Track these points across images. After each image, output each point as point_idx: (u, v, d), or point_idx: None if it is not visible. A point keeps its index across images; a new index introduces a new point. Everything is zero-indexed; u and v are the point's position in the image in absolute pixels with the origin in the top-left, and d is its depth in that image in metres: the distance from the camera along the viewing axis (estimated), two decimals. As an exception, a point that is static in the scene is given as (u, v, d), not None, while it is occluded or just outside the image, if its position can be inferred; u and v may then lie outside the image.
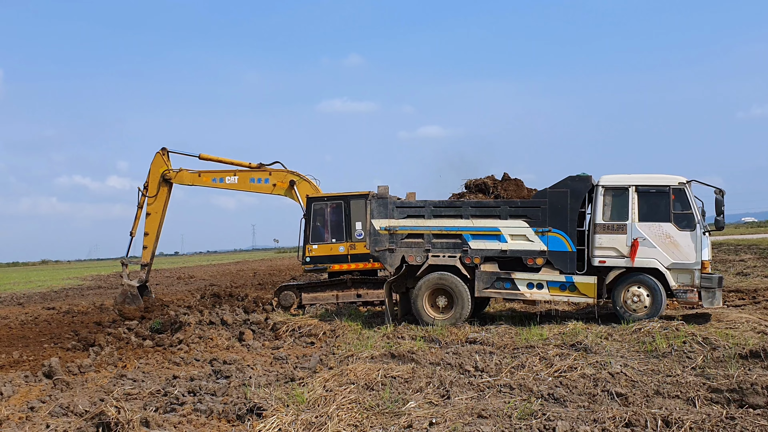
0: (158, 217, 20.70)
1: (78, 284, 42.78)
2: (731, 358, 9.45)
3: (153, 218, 20.63)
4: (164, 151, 20.69)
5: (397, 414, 7.37)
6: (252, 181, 20.33)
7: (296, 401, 7.96)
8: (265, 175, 20.24)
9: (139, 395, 9.12)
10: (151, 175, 20.64)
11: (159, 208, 20.68)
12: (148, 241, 20.75)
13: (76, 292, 34.84)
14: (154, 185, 20.62)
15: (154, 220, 20.67)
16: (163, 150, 20.68)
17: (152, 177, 20.64)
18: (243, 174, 20.40)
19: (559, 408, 7.37)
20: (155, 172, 20.60)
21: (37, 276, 60.84)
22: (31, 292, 35.23)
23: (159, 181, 20.57)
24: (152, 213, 20.57)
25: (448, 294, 13.96)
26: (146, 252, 20.85)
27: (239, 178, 20.34)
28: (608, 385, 8.13)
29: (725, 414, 6.83)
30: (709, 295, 12.82)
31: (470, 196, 15.04)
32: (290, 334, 14.32)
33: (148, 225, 20.60)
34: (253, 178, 20.33)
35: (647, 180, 13.22)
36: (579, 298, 13.47)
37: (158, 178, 20.58)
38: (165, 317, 16.93)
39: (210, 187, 20.70)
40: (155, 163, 20.59)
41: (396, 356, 10.56)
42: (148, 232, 20.66)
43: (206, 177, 20.58)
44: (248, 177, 20.36)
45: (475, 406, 7.52)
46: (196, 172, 20.64)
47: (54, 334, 16.33)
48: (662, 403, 7.41)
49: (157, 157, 20.62)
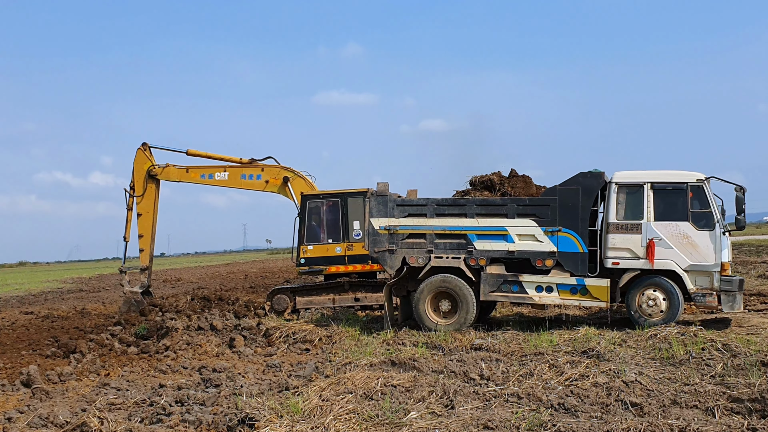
0: (150, 216, 20.49)
1: (58, 287, 42.79)
2: (752, 365, 9.45)
3: (145, 218, 20.42)
4: (145, 147, 20.47)
5: (397, 425, 7.38)
6: (243, 178, 20.27)
7: (290, 411, 7.96)
8: (257, 171, 20.21)
9: (123, 405, 9.12)
10: (136, 174, 20.40)
11: (150, 206, 20.45)
12: (143, 243, 20.49)
13: (55, 295, 34.86)
14: (140, 183, 20.35)
15: (147, 220, 20.45)
16: (144, 145, 20.48)
17: (137, 175, 20.39)
18: (233, 170, 20.35)
19: (570, 418, 7.39)
20: (139, 169, 20.40)
21: (14, 278, 60.79)
22: (7, 296, 35.20)
23: (145, 178, 20.36)
24: (143, 213, 20.36)
25: (451, 298, 13.97)
26: (144, 255, 20.60)
27: (229, 174, 20.29)
28: (622, 395, 8.14)
29: (746, 425, 6.85)
30: (730, 298, 12.83)
31: (475, 193, 15.02)
32: (284, 340, 14.34)
33: (141, 226, 20.36)
34: (245, 175, 20.27)
35: (663, 177, 13.22)
36: (591, 301, 13.48)
37: (143, 175, 20.36)
38: (150, 322, 16.93)
39: (199, 183, 20.57)
40: (138, 161, 20.39)
41: (396, 364, 10.57)
42: (143, 234, 20.41)
43: (194, 173, 20.45)
44: (239, 173, 20.30)
45: (481, 416, 7.53)
46: (184, 167, 20.46)
47: (32, 341, 16.34)
48: (680, 414, 7.42)
49: (139, 153, 20.42)
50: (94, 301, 28.73)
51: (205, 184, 20.57)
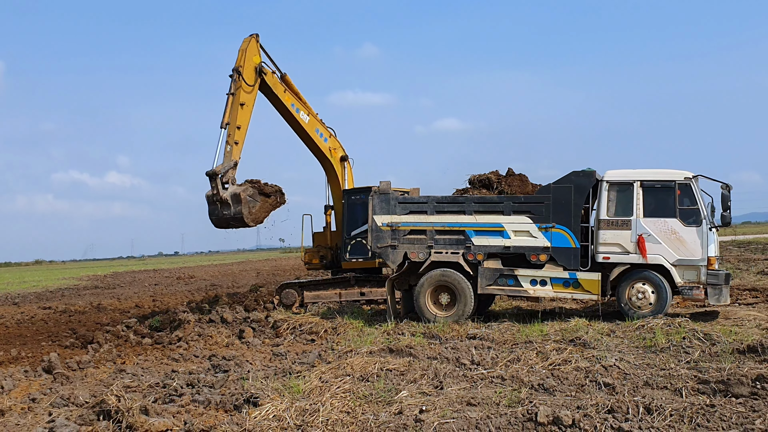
0: (249, 110, 18.33)
1: (74, 284, 43.73)
2: (728, 353, 10.07)
3: (246, 110, 18.18)
4: (257, 39, 18.57)
5: (389, 402, 8.06)
6: (317, 132, 19.67)
7: (292, 392, 8.66)
8: (327, 133, 20.00)
9: (138, 388, 9.83)
10: (246, 62, 18.14)
11: (252, 101, 18.39)
12: (239, 135, 17.97)
13: (72, 292, 35.76)
14: (250, 73, 18.23)
15: (247, 113, 18.23)
16: (257, 37, 18.55)
17: (247, 63, 18.17)
18: (313, 119, 19.62)
19: (546, 396, 8.05)
20: (249, 58, 18.26)
21: (31, 276, 61.96)
22: (25, 292, 36.17)
23: (255, 70, 18.43)
24: (246, 104, 18.12)
25: (450, 291, 14.63)
26: (236, 149, 17.97)
27: (310, 119, 19.54)
28: (599, 377, 8.78)
29: (708, 403, 7.46)
30: (716, 292, 13.41)
31: (474, 191, 15.70)
32: (291, 331, 14.99)
33: (241, 117, 17.98)
34: (318, 129, 19.75)
35: (652, 175, 13.82)
36: (583, 294, 14.09)
37: (253, 66, 18.36)
38: (164, 315, 17.65)
39: (284, 110, 19.24)
40: (249, 50, 18.31)
41: (394, 351, 11.24)
42: (240, 125, 17.97)
43: (289, 97, 19.13)
44: (316, 125, 19.68)
45: (466, 395, 8.20)
46: (284, 86, 19.13)
47: (51, 333, 17.12)
48: (648, 393, 8.05)
49: (252, 43, 18.35)
50: (109, 298, 29.57)
51: (288, 114, 19.27)
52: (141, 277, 49.44)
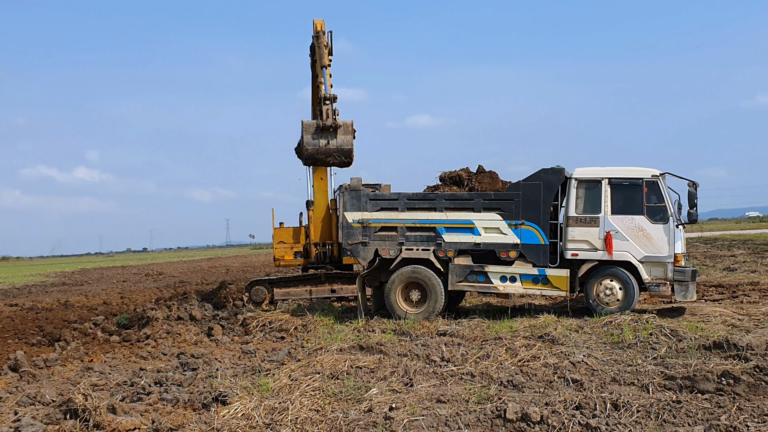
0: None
1: (41, 281, 43.17)
2: (694, 349, 10.20)
3: None
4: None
5: (358, 400, 8.07)
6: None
7: (261, 390, 8.62)
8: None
9: (105, 386, 9.74)
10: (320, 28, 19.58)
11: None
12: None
13: (39, 288, 35.26)
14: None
15: None
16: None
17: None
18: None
19: (515, 393, 8.10)
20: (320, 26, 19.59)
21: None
22: (-9, 289, 35.62)
23: None
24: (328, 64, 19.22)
25: (421, 288, 14.66)
26: None
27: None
28: (567, 373, 8.85)
29: (674, 399, 7.56)
30: (682, 288, 13.58)
31: (444, 188, 15.74)
32: (260, 329, 14.93)
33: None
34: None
35: (620, 172, 13.97)
36: (552, 291, 14.21)
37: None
38: (132, 312, 17.50)
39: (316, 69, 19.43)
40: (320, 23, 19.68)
41: (364, 348, 11.23)
42: None
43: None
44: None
45: (435, 392, 8.23)
46: None
47: (18, 330, 16.86)
48: (616, 389, 8.14)
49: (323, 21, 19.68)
50: (77, 294, 29.21)
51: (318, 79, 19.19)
52: (109, 274, 48.94)
